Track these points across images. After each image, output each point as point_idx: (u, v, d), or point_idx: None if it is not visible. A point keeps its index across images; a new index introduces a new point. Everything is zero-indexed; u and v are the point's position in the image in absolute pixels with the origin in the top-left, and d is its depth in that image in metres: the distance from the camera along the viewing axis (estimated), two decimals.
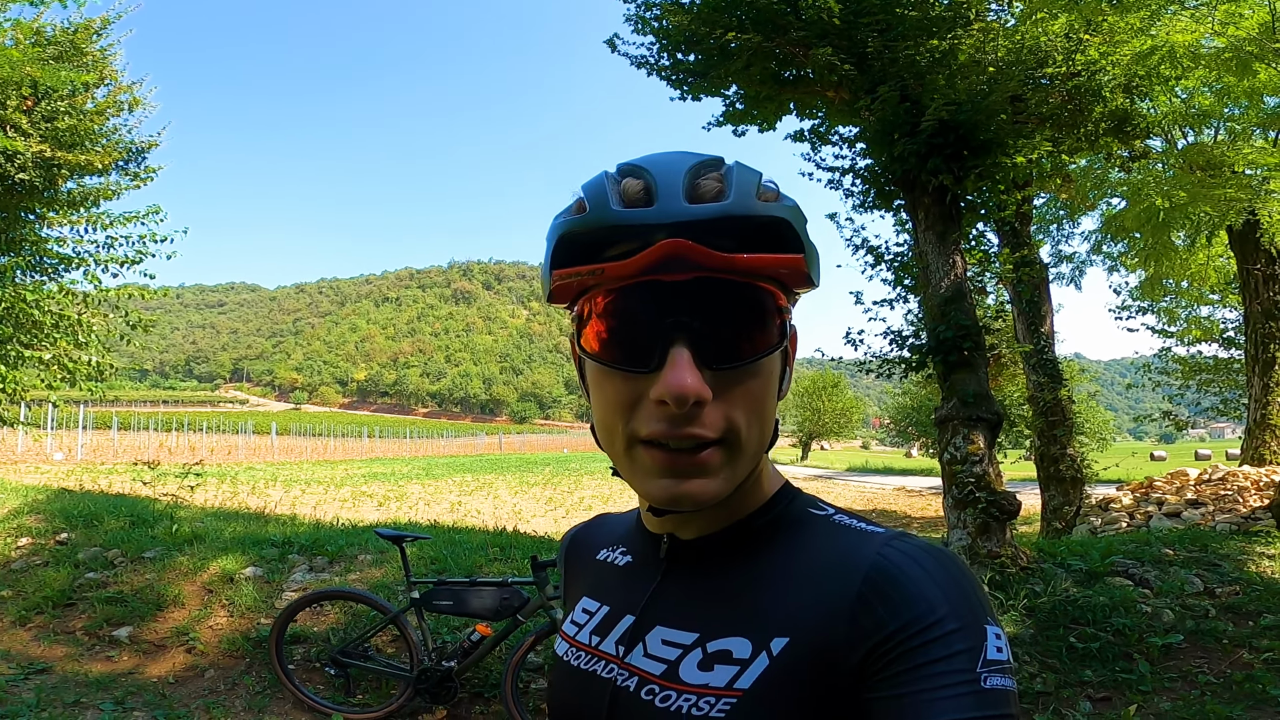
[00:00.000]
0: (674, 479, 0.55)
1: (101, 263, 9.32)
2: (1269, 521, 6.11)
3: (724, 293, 0.54)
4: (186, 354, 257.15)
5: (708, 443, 0.54)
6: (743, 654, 0.55)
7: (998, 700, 0.49)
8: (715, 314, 0.54)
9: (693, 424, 0.54)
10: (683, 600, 0.62)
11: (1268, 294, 9.42)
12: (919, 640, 0.50)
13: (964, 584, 0.53)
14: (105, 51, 8.74)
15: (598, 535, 0.77)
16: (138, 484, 9.36)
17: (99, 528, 5.95)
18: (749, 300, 0.55)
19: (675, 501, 0.56)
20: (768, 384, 0.57)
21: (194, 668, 4.15)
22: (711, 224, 0.53)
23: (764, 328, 0.56)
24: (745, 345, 0.55)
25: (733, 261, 0.53)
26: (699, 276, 0.54)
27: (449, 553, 5.33)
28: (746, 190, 0.55)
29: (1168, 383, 14.49)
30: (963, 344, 5.26)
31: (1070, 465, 8.86)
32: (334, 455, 37.48)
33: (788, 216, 0.55)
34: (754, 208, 0.54)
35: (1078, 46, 7.00)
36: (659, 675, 0.58)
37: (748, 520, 0.62)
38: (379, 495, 16.73)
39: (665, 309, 0.54)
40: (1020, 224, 9.32)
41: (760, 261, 0.54)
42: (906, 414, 32.70)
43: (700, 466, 0.55)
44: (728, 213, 0.54)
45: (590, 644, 0.66)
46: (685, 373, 0.53)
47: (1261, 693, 3.63)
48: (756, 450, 0.58)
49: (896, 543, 0.56)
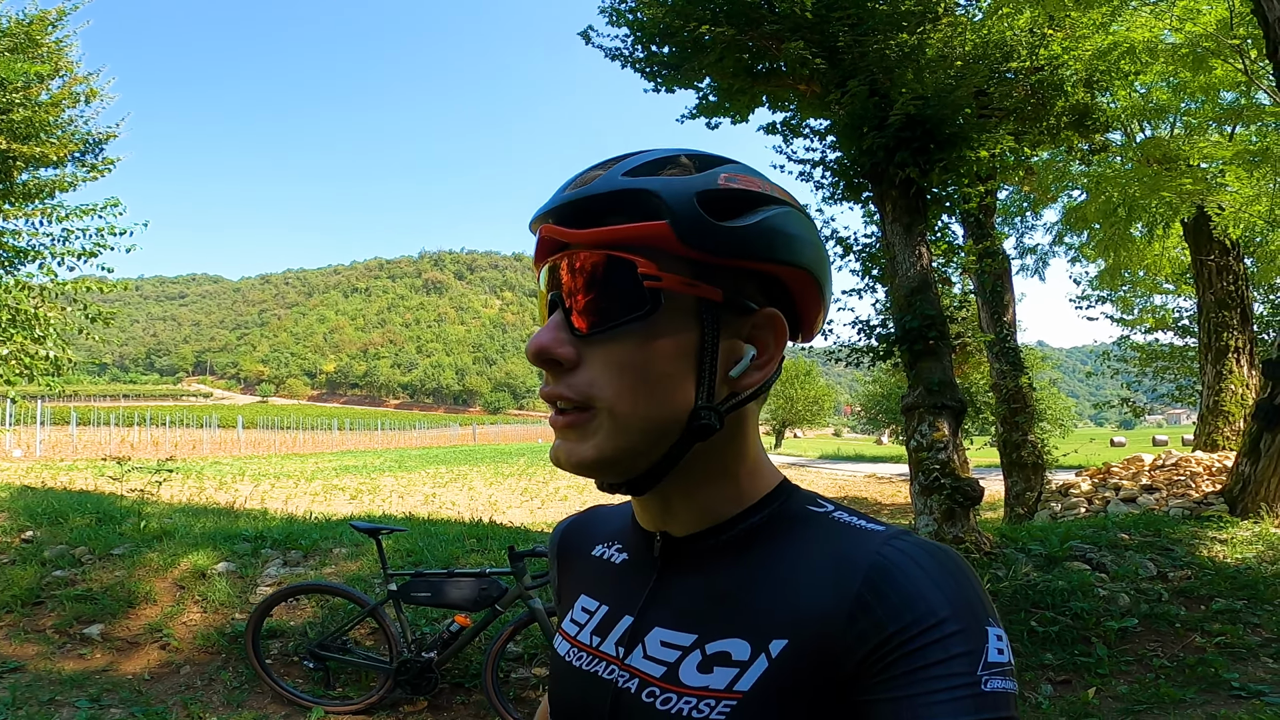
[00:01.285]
0: (558, 439, 0.60)
1: (58, 255, 9.08)
2: (1221, 506, 6.35)
3: (578, 266, 0.58)
4: (147, 347, 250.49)
5: (577, 406, 0.58)
6: (741, 656, 0.55)
7: (998, 703, 0.48)
8: (577, 286, 0.58)
9: (557, 385, 0.58)
10: (680, 601, 0.61)
11: (1220, 284, 9.77)
12: (918, 642, 0.49)
13: (965, 584, 0.52)
14: (61, 43, 8.56)
15: (592, 529, 0.77)
16: (102, 480, 9.17)
17: (64, 525, 5.84)
18: (603, 271, 0.57)
19: (555, 460, 0.60)
20: (649, 358, 0.56)
21: (169, 664, 4.12)
22: (574, 205, 0.58)
23: (620, 297, 0.56)
24: (600, 313, 0.57)
25: (579, 236, 0.57)
26: (567, 253, 0.58)
27: (425, 545, 5.34)
28: (617, 170, 0.58)
29: (1126, 370, 14.80)
30: (928, 333, 5.40)
31: (1032, 451, 9.13)
32: (303, 448, 36.89)
33: (653, 188, 0.56)
34: (614, 184, 0.57)
35: (1041, 41, 7.17)
36: (659, 677, 0.58)
37: (740, 518, 0.61)
38: (351, 488, 16.56)
39: (548, 286, 0.60)
40: (984, 216, 9.53)
41: (608, 234, 0.56)
42: (877, 401, 33.22)
43: (569, 428, 0.58)
44: (587, 194, 0.57)
45: (591, 644, 0.66)
46: (543, 332, 0.58)
47: (1214, 676, 3.75)
48: (642, 425, 0.57)
49: (896, 541, 0.55)
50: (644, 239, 0.56)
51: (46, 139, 8.58)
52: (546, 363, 0.58)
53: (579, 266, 0.58)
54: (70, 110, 8.94)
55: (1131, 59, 7.81)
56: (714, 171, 0.58)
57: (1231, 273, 9.81)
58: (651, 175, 0.57)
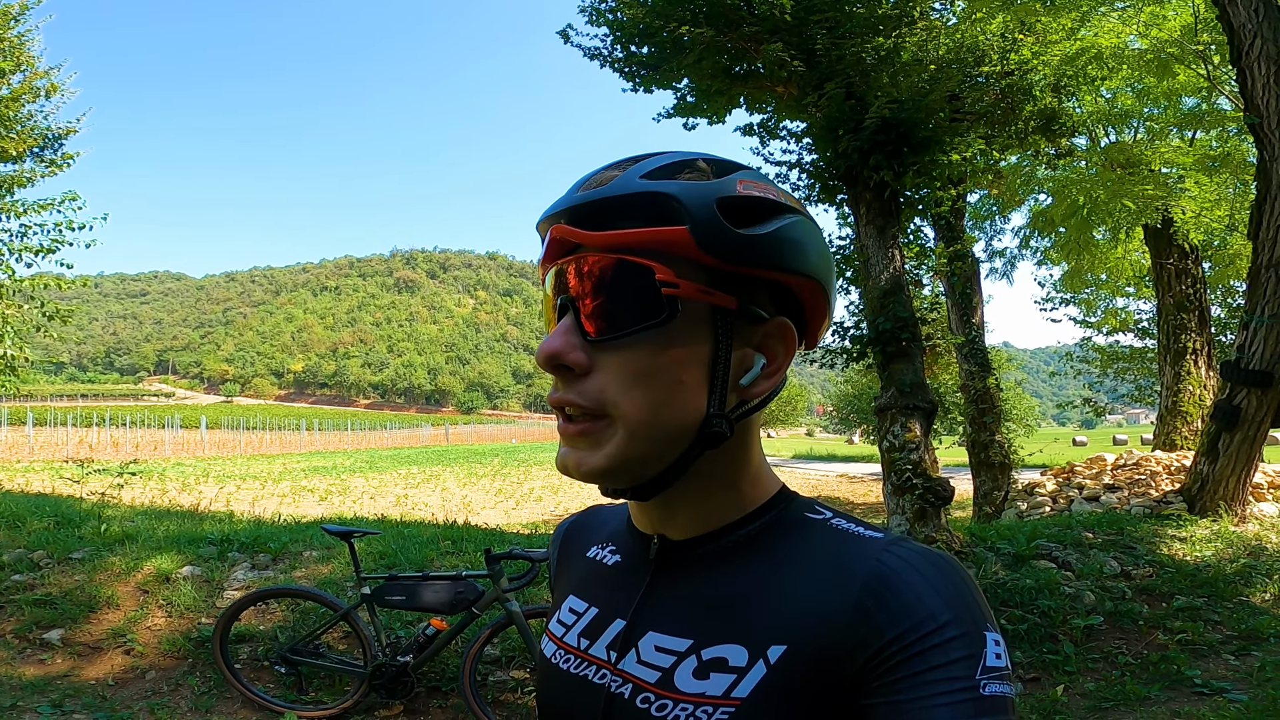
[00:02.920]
0: (566, 447, 0.58)
1: (15, 251, 8.84)
2: (1180, 505, 6.52)
3: (593, 270, 0.56)
4: (107, 345, 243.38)
5: (590, 414, 0.56)
6: (739, 662, 0.55)
7: (996, 707, 0.48)
8: (591, 290, 0.56)
9: (568, 391, 0.56)
10: (674, 605, 0.61)
11: (1179, 287, 10.05)
12: (918, 648, 0.50)
13: (963, 590, 0.52)
14: (22, 37, 8.38)
15: (590, 529, 0.76)
16: (59, 483, 8.89)
17: (22, 529, 5.65)
18: (617, 275, 0.55)
19: (564, 467, 0.58)
20: (665, 366, 0.55)
21: (133, 669, 4.00)
22: (589, 206, 0.56)
23: (637, 303, 0.55)
24: (616, 319, 0.55)
25: (596, 239, 0.55)
26: (581, 255, 0.57)
27: (399, 547, 5.27)
28: (635, 173, 0.56)
29: (1088, 370, 15.12)
30: (900, 335, 5.47)
31: (999, 451, 9.32)
32: (270, 449, 36.15)
33: (672, 191, 0.55)
34: (632, 187, 0.55)
35: (1012, 46, 7.31)
36: (653, 683, 0.58)
37: (739, 523, 0.61)
38: (320, 489, 16.30)
39: (556, 289, 0.58)
40: (955, 219, 9.70)
41: (626, 237, 0.55)
42: (849, 401, 33.64)
43: (580, 436, 0.57)
44: (603, 195, 0.56)
45: (579, 647, 0.65)
46: (555, 337, 0.56)
47: (1177, 673, 3.84)
48: (655, 434, 0.56)
49: (895, 548, 0.55)
50: (662, 244, 0.55)
51: (5, 134, 8.37)
52: (557, 368, 0.57)
53: (592, 270, 0.56)
54: (30, 105, 8.75)
55: (1098, 64, 8.01)
56: (732, 177, 0.57)
57: (1190, 276, 10.10)
58: (669, 179, 0.56)
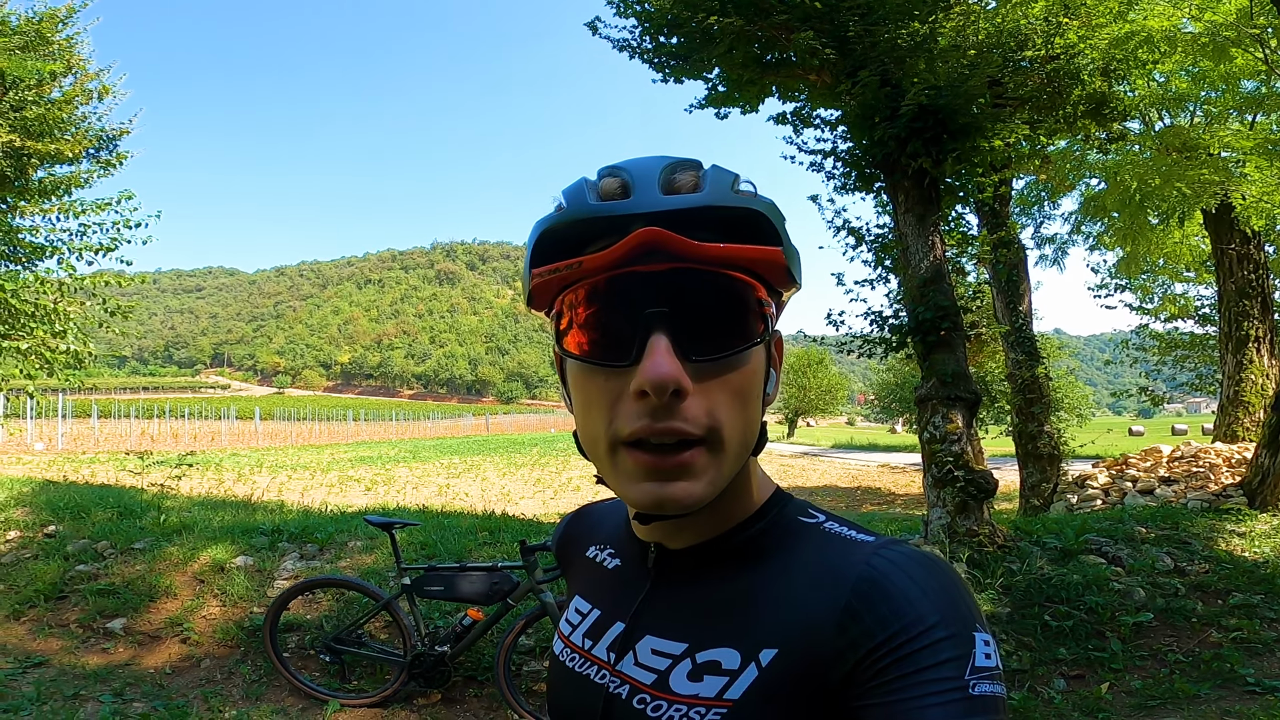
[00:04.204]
0: (657, 482, 0.54)
1: (75, 250, 9.22)
2: (1240, 499, 6.26)
3: (702, 283, 0.54)
4: (165, 340, 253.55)
5: (690, 441, 0.53)
6: (731, 665, 0.56)
7: (986, 707, 0.49)
8: (693, 304, 0.54)
9: (674, 418, 0.53)
10: (671, 610, 0.62)
11: (1241, 273, 9.61)
12: (907, 649, 0.50)
13: (952, 591, 0.53)
14: (72, 40, 8.67)
15: (586, 530, 0.78)
16: (123, 474, 9.32)
17: (87, 520, 5.95)
18: (727, 291, 0.55)
19: (659, 506, 0.54)
20: (750, 381, 0.56)
21: (189, 658, 4.20)
22: (688, 214, 0.54)
23: (743, 320, 0.55)
24: (724, 337, 0.54)
25: (709, 251, 0.53)
26: (676, 267, 0.53)
27: (438, 538, 5.39)
28: (722, 184, 0.56)
29: (1145, 358, 14.65)
30: (941, 324, 5.35)
31: (1048, 442, 9.05)
32: (319, 439, 37.31)
33: (764, 210, 0.56)
34: (730, 199, 0.55)
35: (1057, 30, 7.04)
36: (650, 685, 0.59)
37: (737, 530, 0.62)
38: (366, 479, 16.74)
39: (643, 299, 0.54)
40: (999, 205, 9.41)
41: (737, 252, 0.54)
42: (890, 390, 33.01)
43: (683, 468, 0.53)
44: (704, 203, 0.54)
45: (583, 647, 0.67)
46: (663, 360, 0.52)
47: (1229, 672, 3.72)
48: (740, 451, 0.57)
49: (885, 551, 0.56)
50: (764, 263, 0.56)
51: (60, 136, 8.70)
52: (670, 394, 0.52)
53: (696, 284, 0.54)
54: (83, 107, 9.07)
55: (1149, 48, 7.67)
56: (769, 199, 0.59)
57: (1252, 262, 9.65)
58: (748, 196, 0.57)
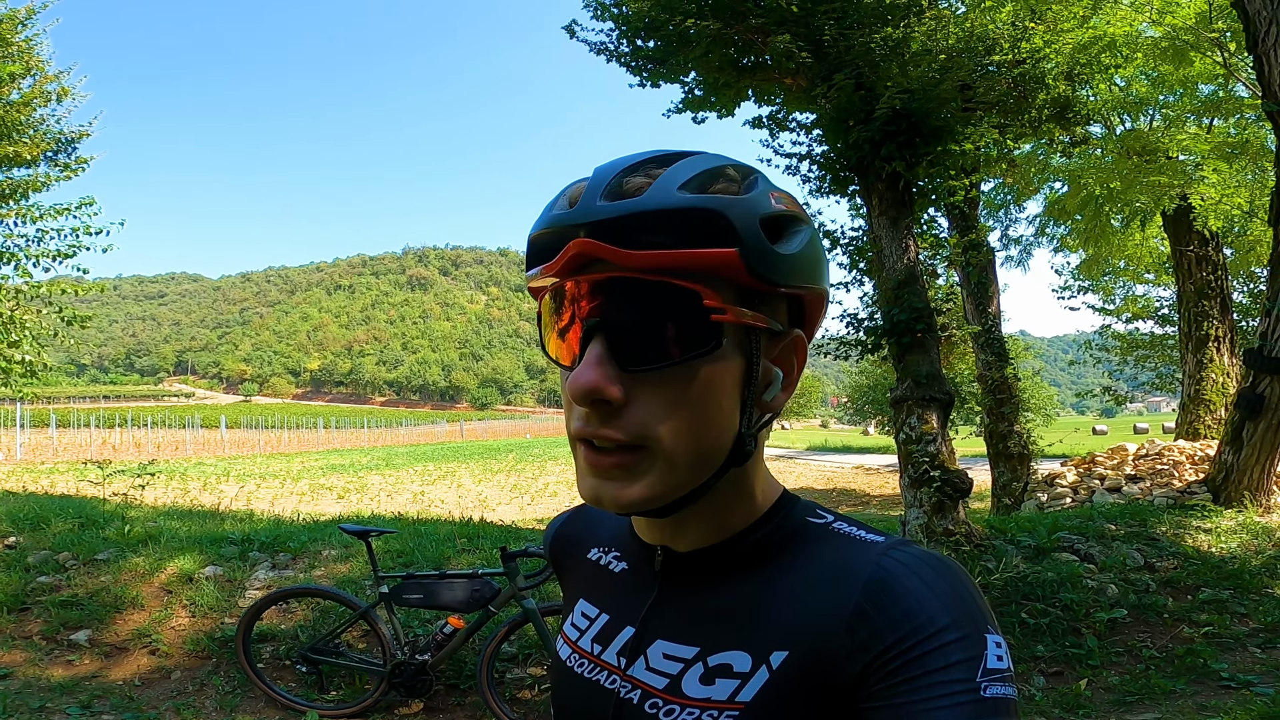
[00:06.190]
0: (598, 480, 0.55)
1: (32, 257, 8.95)
2: (1205, 495, 6.42)
3: (634, 292, 0.52)
4: (126, 347, 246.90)
5: (625, 446, 0.53)
6: (743, 668, 0.55)
7: (998, 709, 0.48)
8: (626, 314, 0.52)
9: (605, 424, 0.53)
10: (681, 615, 0.61)
11: (1200, 274, 9.90)
12: (917, 651, 0.49)
13: (963, 593, 0.52)
14: (31, 41, 8.44)
15: (584, 531, 0.76)
16: (83, 483, 9.04)
17: (47, 530, 5.75)
18: (660, 300, 0.52)
19: (597, 502, 0.55)
20: (703, 391, 0.53)
21: (159, 669, 4.07)
22: (623, 220, 0.51)
23: (681, 330, 0.52)
24: (657, 348, 0.52)
25: (638, 260, 0.51)
26: (613, 276, 0.52)
27: (415, 545, 5.31)
28: (668, 184, 0.52)
29: (1108, 359, 15.00)
30: (916, 326, 5.43)
31: (1018, 442, 9.23)
32: (288, 448, 36.56)
33: (718, 207, 0.51)
34: (673, 200, 0.51)
35: (1023, 35, 7.21)
36: (662, 689, 0.59)
37: (744, 534, 0.61)
38: (338, 487, 16.45)
39: (583, 309, 0.53)
40: (969, 208, 9.60)
41: (671, 258, 0.51)
42: (863, 393, 33.41)
43: (619, 469, 0.54)
44: (638, 208, 0.51)
45: (592, 652, 0.66)
46: (589, 369, 0.51)
47: (1203, 666, 3.81)
48: (696, 460, 0.55)
49: (895, 552, 0.55)
50: (710, 267, 0.52)
51: (18, 138, 8.46)
52: (595, 404, 0.53)
53: (631, 294, 0.52)
54: (42, 109, 8.83)
55: (1112, 53, 7.89)
56: (762, 189, 0.55)
57: (1211, 263, 9.95)
58: (705, 191, 0.53)
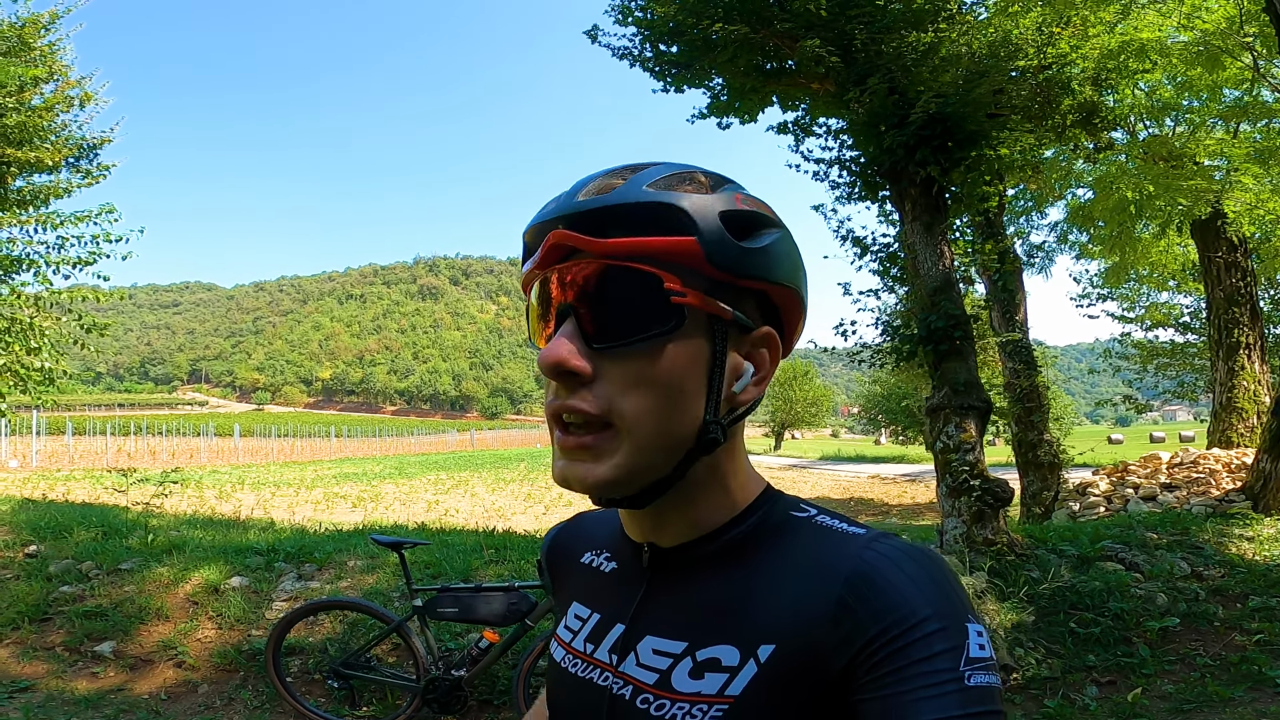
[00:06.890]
0: (565, 460, 0.58)
1: (53, 264, 8.95)
2: (1244, 503, 6.30)
3: (603, 277, 0.57)
4: (141, 356, 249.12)
5: (593, 425, 0.56)
6: (731, 661, 0.57)
7: (982, 697, 0.49)
8: (595, 297, 0.57)
9: (572, 396, 0.56)
10: (669, 610, 0.63)
11: (1229, 280, 9.72)
12: (901, 642, 0.51)
13: (944, 583, 0.54)
14: (54, 46, 8.45)
15: (580, 537, 0.78)
16: (101, 491, 9.02)
17: (69, 539, 5.70)
18: (626, 283, 0.56)
19: (565, 482, 0.58)
20: (667, 372, 0.57)
21: (186, 683, 3.99)
22: (594, 214, 0.57)
23: (644, 311, 0.56)
24: (621, 326, 0.56)
25: (608, 247, 0.56)
26: (585, 264, 0.57)
27: (443, 556, 5.23)
28: (637, 183, 0.57)
29: (1127, 367, 14.86)
30: (954, 333, 5.32)
31: (1048, 450, 9.06)
32: (301, 456, 36.67)
33: (677, 201, 0.56)
34: (639, 196, 0.56)
35: (1049, 40, 7.12)
36: (652, 684, 0.60)
37: (727, 527, 0.63)
38: (353, 496, 16.42)
39: (561, 294, 0.58)
40: (996, 215, 9.48)
41: (636, 245, 0.56)
42: (876, 402, 33.21)
43: (585, 449, 0.57)
44: (609, 203, 0.57)
45: (585, 651, 0.67)
46: (557, 344, 0.56)
47: (1259, 674, 3.74)
48: (659, 442, 0.57)
49: (877, 544, 0.57)
50: (670, 254, 0.56)
51: (40, 144, 8.46)
52: (560, 375, 0.56)
53: (598, 276, 0.57)
54: (64, 115, 8.84)
55: (1141, 58, 7.77)
56: (729, 191, 0.60)
57: (1240, 269, 9.78)
58: (672, 190, 0.57)
